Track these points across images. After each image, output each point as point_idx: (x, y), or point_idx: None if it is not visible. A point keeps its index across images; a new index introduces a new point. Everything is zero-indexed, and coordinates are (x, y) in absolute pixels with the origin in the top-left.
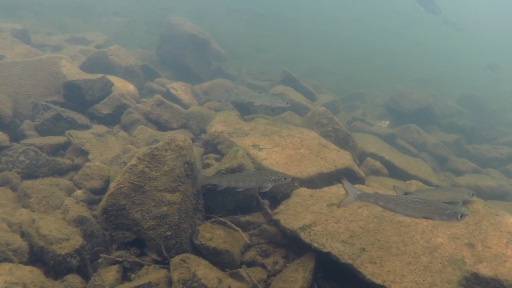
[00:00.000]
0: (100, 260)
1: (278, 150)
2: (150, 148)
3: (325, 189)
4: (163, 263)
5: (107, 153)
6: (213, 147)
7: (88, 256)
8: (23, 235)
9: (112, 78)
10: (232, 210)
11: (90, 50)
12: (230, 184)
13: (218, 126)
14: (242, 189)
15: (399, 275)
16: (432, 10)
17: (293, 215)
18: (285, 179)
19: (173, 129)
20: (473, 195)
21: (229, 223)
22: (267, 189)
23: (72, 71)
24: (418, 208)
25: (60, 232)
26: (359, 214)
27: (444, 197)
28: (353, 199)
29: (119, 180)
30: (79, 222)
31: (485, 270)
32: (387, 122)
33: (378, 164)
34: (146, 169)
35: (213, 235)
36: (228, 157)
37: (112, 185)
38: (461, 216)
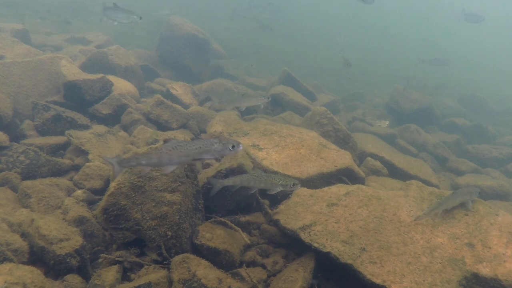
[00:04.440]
0: (100, 260)
1: (278, 150)
2: (150, 148)
3: (325, 189)
4: (163, 263)
5: (107, 153)
6: None
7: (88, 256)
8: (23, 235)
9: (112, 78)
10: (232, 210)
11: (90, 50)
12: (243, 184)
13: (218, 126)
14: (253, 190)
15: (399, 275)
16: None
17: (293, 215)
18: (293, 185)
19: (173, 129)
20: (479, 193)
21: (229, 223)
22: (274, 192)
23: (72, 71)
24: (184, 153)
25: (60, 232)
26: (359, 214)
27: (453, 201)
28: (118, 170)
29: (119, 180)
30: (79, 222)
31: (485, 270)
32: (387, 122)
33: (378, 164)
34: None
35: (213, 235)
36: (228, 157)
37: (112, 185)
38: (233, 147)
